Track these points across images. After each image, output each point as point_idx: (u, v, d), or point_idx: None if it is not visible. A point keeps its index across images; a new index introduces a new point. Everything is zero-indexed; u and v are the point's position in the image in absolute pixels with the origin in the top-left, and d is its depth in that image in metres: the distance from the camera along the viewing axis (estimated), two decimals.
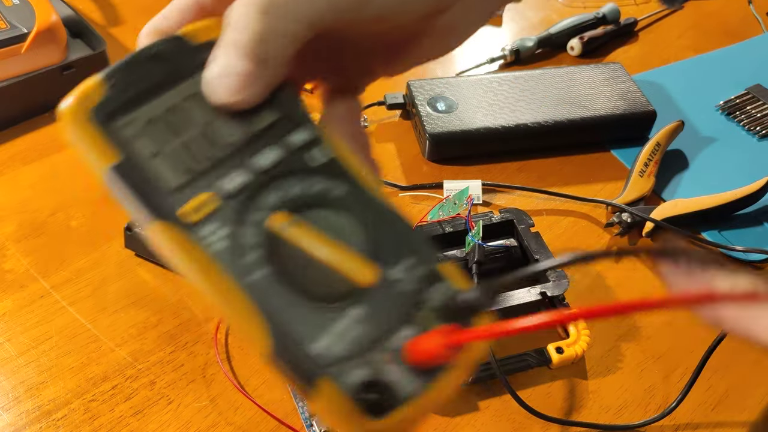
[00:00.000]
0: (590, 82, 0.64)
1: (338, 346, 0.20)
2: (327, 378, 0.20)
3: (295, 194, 0.22)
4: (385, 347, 0.21)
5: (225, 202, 0.21)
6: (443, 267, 0.23)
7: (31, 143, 0.59)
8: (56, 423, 0.40)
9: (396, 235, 0.23)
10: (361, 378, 0.20)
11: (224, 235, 0.21)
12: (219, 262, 0.20)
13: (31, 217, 0.53)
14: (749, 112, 0.66)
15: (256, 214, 0.21)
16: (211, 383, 0.43)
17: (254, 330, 0.20)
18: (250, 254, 0.21)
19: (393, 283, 0.22)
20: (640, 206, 0.55)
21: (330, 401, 0.20)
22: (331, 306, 0.21)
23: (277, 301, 0.20)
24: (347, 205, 0.23)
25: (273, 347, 0.20)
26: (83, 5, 0.74)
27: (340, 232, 0.22)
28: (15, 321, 0.46)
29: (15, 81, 0.58)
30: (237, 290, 0.20)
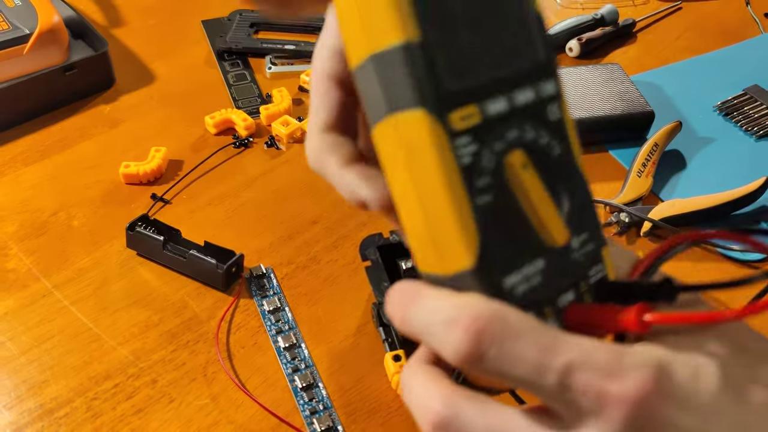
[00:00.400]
0: (589, 83, 0.64)
1: (522, 287, 0.22)
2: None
3: (530, 139, 0.22)
4: (552, 304, 0.22)
5: (484, 121, 0.21)
6: (605, 250, 0.24)
7: (33, 144, 0.59)
8: (58, 421, 0.41)
9: (584, 209, 0.24)
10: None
11: (472, 152, 0.21)
12: (460, 174, 0.20)
13: (33, 216, 0.53)
14: (747, 113, 0.66)
15: (500, 144, 0.22)
16: (213, 382, 0.43)
17: (463, 246, 0.21)
18: (484, 179, 0.21)
19: (572, 251, 0.23)
20: (638, 206, 0.55)
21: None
22: (528, 251, 0.22)
23: (491, 229, 0.21)
24: (561, 167, 0.23)
25: (473, 266, 0.21)
26: (85, 6, 0.74)
27: (553, 188, 0.23)
28: (17, 320, 0.46)
29: (17, 82, 0.58)
30: (466, 206, 0.20)
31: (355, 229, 0.54)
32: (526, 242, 0.22)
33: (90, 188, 0.55)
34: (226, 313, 0.47)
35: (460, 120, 0.21)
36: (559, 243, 0.22)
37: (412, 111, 0.20)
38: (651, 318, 0.20)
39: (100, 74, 0.64)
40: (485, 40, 0.22)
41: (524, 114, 0.22)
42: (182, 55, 0.69)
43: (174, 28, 0.73)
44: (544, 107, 0.23)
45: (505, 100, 0.22)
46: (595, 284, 0.24)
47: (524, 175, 0.22)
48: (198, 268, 0.48)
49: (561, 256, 0.23)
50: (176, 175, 0.57)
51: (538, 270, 0.22)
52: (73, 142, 0.59)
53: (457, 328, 0.20)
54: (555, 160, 0.23)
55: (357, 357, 0.45)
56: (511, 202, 0.22)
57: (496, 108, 0.21)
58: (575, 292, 0.23)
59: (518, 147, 0.22)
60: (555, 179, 0.23)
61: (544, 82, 0.23)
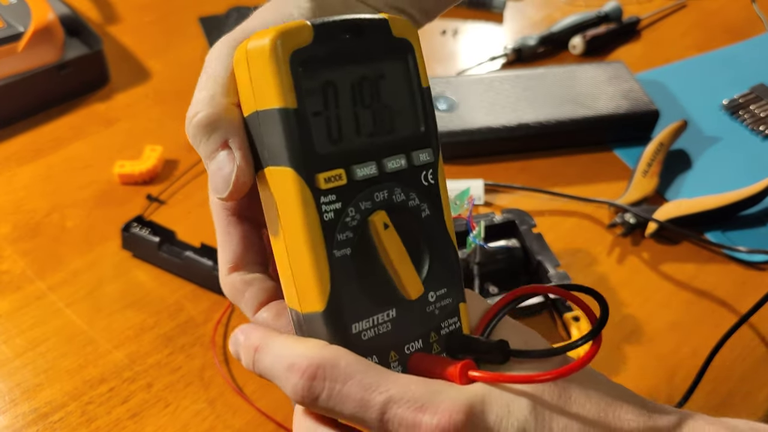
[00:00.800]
0: (593, 81, 0.64)
1: (369, 333, 0.25)
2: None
3: (399, 201, 0.25)
4: (399, 349, 0.25)
5: (351, 183, 0.24)
6: (462, 306, 0.27)
7: (27, 143, 0.58)
8: (53, 426, 0.40)
9: (445, 266, 0.27)
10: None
11: (336, 209, 0.24)
12: (321, 229, 0.23)
13: (27, 217, 0.52)
14: (753, 112, 0.65)
15: (365, 203, 0.24)
16: (209, 386, 0.43)
17: (316, 291, 0.24)
18: (345, 233, 0.24)
19: (427, 305, 0.26)
20: (643, 206, 0.54)
21: None
22: (381, 300, 0.25)
23: (345, 278, 0.24)
24: (426, 228, 0.26)
25: (323, 310, 0.24)
26: (80, 4, 0.73)
27: (413, 247, 0.26)
28: (11, 323, 0.45)
29: (11, 80, 0.57)
30: (322, 255, 0.23)
31: None
32: (380, 293, 0.25)
33: (84, 188, 0.55)
34: (222, 316, 0.46)
35: (325, 181, 0.23)
36: (413, 297, 0.25)
37: (284, 167, 0.23)
38: (473, 375, 0.24)
39: (94, 72, 0.63)
40: (364, 111, 0.25)
41: (396, 179, 0.25)
42: (178, 52, 0.68)
43: (170, 25, 0.72)
44: (418, 174, 0.26)
45: (374, 166, 0.25)
46: (446, 335, 0.27)
47: (384, 234, 0.25)
48: (194, 270, 0.47)
49: (414, 308, 0.26)
50: (172, 175, 0.56)
51: (389, 319, 0.25)
52: (68, 142, 0.58)
53: (295, 373, 0.23)
54: (423, 221, 0.26)
55: None
56: (370, 256, 0.25)
57: (364, 172, 0.24)
58: (424, 341, 0.26)
59: (384, 208, 0.25)
60: (420, 238, 0.26)
61: (420, 151, 0.26)
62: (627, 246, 0.53)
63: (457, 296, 0.27)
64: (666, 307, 0.49)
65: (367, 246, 0.25)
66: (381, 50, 0.25)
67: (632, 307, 0.49)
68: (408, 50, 0.26)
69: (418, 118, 0.26)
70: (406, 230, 0.25)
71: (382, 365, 0.24)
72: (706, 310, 0.49)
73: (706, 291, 0.50)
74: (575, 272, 0.50)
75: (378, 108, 0.25)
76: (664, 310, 0.49)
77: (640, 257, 0.52)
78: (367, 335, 0.24)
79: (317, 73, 0.24)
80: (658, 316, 0.48)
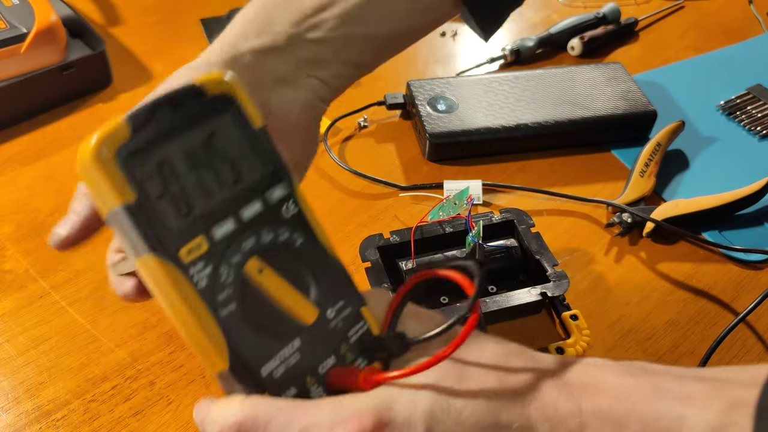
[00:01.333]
0: (591, 82, 0.64)
1: (280, 369, 0.26)
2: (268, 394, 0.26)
3: (268, 242, 0.27)
4: (314, 372, 0.27)
5: (213, 246, 0.25)
6: (364, 309, 0.29)
7: (30, 143, 0.58)
8: (56, 423, 0.40)
9: (333, 280, 0.28)
10: (292, 395, 0.27)
11: (207, 274, 0.25)
12: (200, 296, 0.25)
13: (30, 217, 0.52)
14: (750, 112, 0.66)
15: (235, 257, 0.26)
16: (211, 384, 0.43)
17: (215, 353, 0.25)
18: (225, 292, 0.25)
19: (326, 322, 0.28)
20: (640, 206, 0.55)
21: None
22: (282, 336, 0.26)
23: (239, 331, 0.25)
24: (303, 253, 0.28)
25: (228, 367, 0.25)
26: (83, 5, 0.74)
27: (294, 277, 0.27)
28: (14, 321, 0.46)
29: (14, 81, 0.58)
30: (208, 320, 0.25)
31: (355, 230, 0.53)
32: (278, 329, 0.26)
33: None
34: None
35: (187, 254, 0.25)
36: (310, 321, 0.27)
37: (147, 255, 0.24)
38: (375, 379, 0.26)
39: (97, 73, 0.63)
40: (206, 174, 0.25)
41: (257, 223, 0.26)
42: (180, 53, 0.69)
43: (172, 26, 0.73)
44: (278, 209, 0.27)
45: (232, 221, 0.26)
46: (356, 342, 0.28)
47: (262, 277, 0.26)
48: None
49: (316, 330, 0.27)
50: None
51: (295, 349, 0.27)
52: (70, 142, 0.59)
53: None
54: (299, 249, 0.27)
55: None
56: (257, 300, 0.26)
57: (224, 230, 0.25)
58: (336, 355, 0.28)
59: (255, 254, 0.26)
60: (301, 265, 0.27)
61: (273, 189, 0.27)
62: (624, 245, 0.54)
63: (356, 303, 0.29)
64: (663, 306, 0.49)
65: (251, 293, 0.26)
66: (202, 113, 0.26)
67: (629, 306, 0.49)
68: (228, 103, 0.26)
69: (261, 158, 0.27)
70: (285, 264, 0.27)
71: (302, 394, 0.27)
72: (703, 309, 0.49)
73: (703, 290, 0.51)
74: (573, 271, 0.51)
75: (218, 166, 0.26)
76: (661, 309, 0.49)
77: (638, 256, 0.53)
78: (279, 372, 0.26)
79: (147, 159, 0.24)
80: (656, 315, 0.49)
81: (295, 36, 0.33)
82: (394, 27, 0.36)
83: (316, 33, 0.33)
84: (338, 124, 0.62)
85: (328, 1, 0.33)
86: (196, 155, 0.25)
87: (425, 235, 0.48)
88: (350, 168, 0.58)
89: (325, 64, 0.34)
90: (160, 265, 0.24)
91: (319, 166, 0.58)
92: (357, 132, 0.62)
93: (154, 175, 0.24)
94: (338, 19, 0.33)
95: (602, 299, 0.49)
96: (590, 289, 0.50)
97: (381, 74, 0.69)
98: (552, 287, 0.45)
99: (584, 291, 0.50)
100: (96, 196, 0.24)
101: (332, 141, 0.61)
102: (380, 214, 0.55)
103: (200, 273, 0.25)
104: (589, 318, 0.48)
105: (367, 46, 0.35)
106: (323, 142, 0.60)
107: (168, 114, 0.25)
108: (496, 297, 0.44)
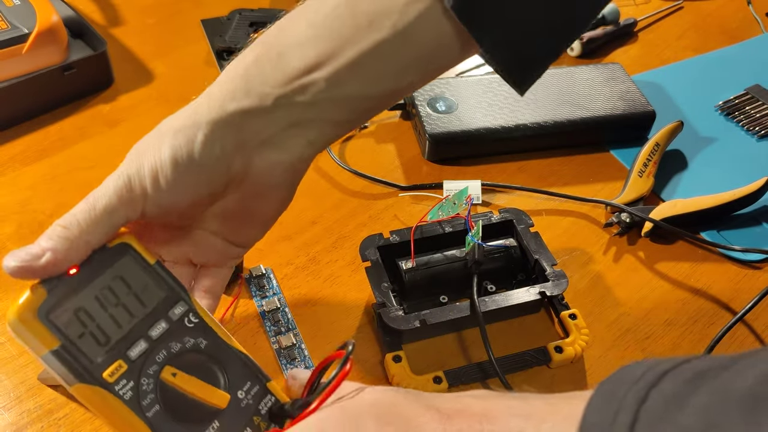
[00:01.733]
0: (590, 83, 0.64)
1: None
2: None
3: (178, 350, 0.33)
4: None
5: (131, 364, 0.32)
6: (270, 385, 0.35)
7: (31, 144, 0.59)
8: (57, 422, 0.41)
9: (239, 368, 0.35)
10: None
11: (130, 387, 0.31)
12: (128, 406, 0.31)
13: (31, 217, 0.53)
14: (748, 113, 0.66)
15: (151, 368, 0.32)
16: None
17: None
18: (148, 398, 0.32)
19: (239, 401, 0.34)
20: (639, 206, 0.55)
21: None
22: (200, 425, 0.33)
23: (166, 426, 0.32)
24: (209, 352, 0.34)
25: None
26: (84, 6, 0.74)
27: (204, 373, 0.34)
28: None
29: (16, 81, 0.58)
30: (138, 422, 0.31)
31: (355, 230, 0.53)
32: (198, 416, 0.33)
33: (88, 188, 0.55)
34: (225, 313, 0.47)
35: (110, 375, 0.31)
36: (224, 405, 0.33)
37: (77, 385, 0.30)
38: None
39: (99, 74, 0.63)
40: (117, 309, 0.32)
41: (165, 338, 0.33)
42: (181, 54, 0.69)
43: (173, 27, 0.73)
44: (181, 322, 0.34)
45: (143, 341, 0.32)
46: (267, 412, 0.35)
47: (176, 380, 0.32)
48: None
49: (230, 410, 0.34)
50: None
51: (215, 429, 0.33)
52: (72, 142, 0.59)
53: None
54: (205, 349, 0.34)
55: (357, 358, 0.45)
56: (177, 398, 0.32)
57: (138, 350, 0.32)
58: (251, 427, 0.34)
59: (169, 362, 0.33)
60: (208, 362, 0.34)
61: (173, 308, 0.34)
62: (623, 245, 0.54)
63: (261, 381, 0.35)
64: (662, 306, 0.49)
65: (170, 393, 0.32)
66: (105, 262, 0.32)
67: (628, 305, 0.49)
68: (125, 249, 0.33)
69: (159, 287, 0.34)
70: (194, 364, 0.33)
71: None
72: (701, 308, 0.50)
73: (702, 290, 0.51)
74: (572, 271, 0.51)
75: (126, 300, 0.32)
76: (659, 309, 0.49)
77: (636, 256, 0.53)
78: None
79: (65, 309, 0.30)
80: (654, 314, 0.49)
81: (282, 97, 0.32)
82: (387, 86, 0.34)
83: (305, 96, 0.32)
84: None
85: (316, 62, 0.32)
86: (106, 296, 0.32)
87: (425, 235, 0.48)
88: (350, 168, 0.58)
89: (312, 125, 0.34)
90: (90, 389, 0.30)
91: (319, 166, 0.59)
92: (357, 132, 0.63)
93: (72, 321, 0.31)
94: (327, 81, 0.32)
95: (601, 298, 0.50)
96: (589, 288, 0.50)
97: None
98: (551, 286, 0.45)
99: (583, 290, 0.50)
100: (28, 347, 0.30)
101: None
102: (380, 213, 0.55)
103: (124, 388, 0.31)
104: (587, 317, 0.48)
105: (357, 105, 0.34)
106: None
107: (77, 270, 0.31)
108: (495, 296, 0.44)
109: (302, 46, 0.33)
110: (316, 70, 0.32)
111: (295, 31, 0.33)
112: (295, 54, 0.32)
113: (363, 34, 0.32)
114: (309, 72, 0.32)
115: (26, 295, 0.30)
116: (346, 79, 0.33)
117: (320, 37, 0.32)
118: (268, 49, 0.33)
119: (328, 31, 0.32)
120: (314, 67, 0.32)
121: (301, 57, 0.32)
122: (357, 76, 0.33)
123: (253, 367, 0.35)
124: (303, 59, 0.32)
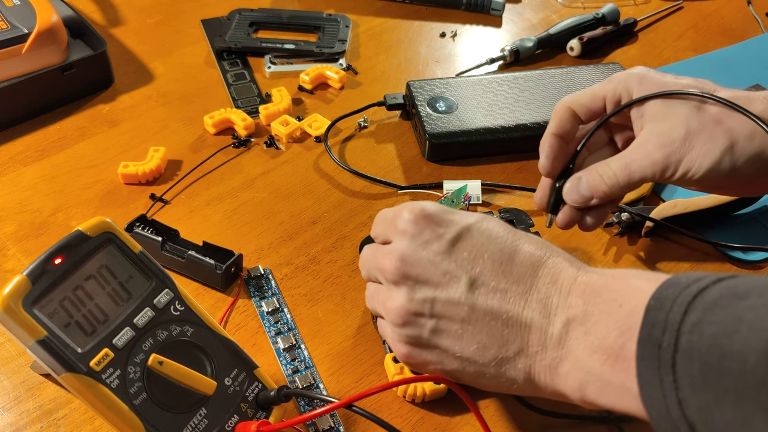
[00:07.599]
0: (590, 83, 0.64)
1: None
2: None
3: (164, 338, 0.34)
4: (222, 430, 0.34)
5: (117, 353, 0.32)
6: (257, 371, 0.37)
7: (32, 143, 0.59)
8: (57, 422, 0.41)
9: (225, 355, 0.36)
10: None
11: (117, 375, 0.32)
12: (115, 394, 0.32)
13: (32, 217, 0.53)
14: None
15: (138, 357, 0.33)
16: None
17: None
18: (135, 386, 0.32)
19: (225, 389, 0.35)
20: (639, 206, 0.55)
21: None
22: (187, 411, 0.34)
23: (153, 414, 0.32)
24: (196, 339, 0.35)
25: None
26: (84, 5, 0.74)
27: (190, 360, 0.34)
28: None
29: (16, 81, 0.58)
30: (126, 410, 0.32)
31: (355, 230, 0.53)
32: (186, 403, 0.34)
33: (89, 188, 0.55)
34: (225, 313, 0.47)
35: (97, 364, 0.32)
36: (211, 392, 0.34)
37: (65, 374, 0.31)
38: (263, 429, 0.34)
39: (98, 74, 0.63)
40: (102, 298, 0.33)
41: (151, 326, 0.34)
42: (181, 54, 0.69)
43: (173, 27, 0.73)
44: (167, 310, 0.35)
45: (129, 329, 0.33)
46: (254, 399, 0.36)
47: (163, 368, 0.33)
48: (196, 268, 0.48)
49: (217, 397, 0.34)
50: (175, 175, 0.57)
51: (203, 416, 0.34)
52: (72, 142, 0.59)
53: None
54: (191, 336, 0.35)
55: (357, 358, 0.45)
56: (164, 386, 0.33)
57: (124, 339, 0.33)
58: (239, 413, 0.35)
59: (155, 349, 0.33)
60: (194, 350, 0.35)
61: (159, 296, 0.35)
62: (623, 245, 0.54)
63: (248, 368, 0.36)
64: None
65: (157, 381, 0.33)
66: (89, 251, 0.33)
67: None
68: (109, 239, 0.34)
69: (144, 275, 0.35)
70: (181, 352, 0.34)
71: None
72: None
73: None
74: None
75: (112, 288, 0.33)
76: None
77: (637, 256, 0.53)
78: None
79: (51, 299, 0.31)
80: None
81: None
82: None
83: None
84: (338, 125, 0.62)
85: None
86: (91, 285, 0.33)
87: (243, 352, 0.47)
88: (350, 168, 0.58)
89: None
90: (77, 378, 0.31)
91: (319, 166, 0.59)
92: (357, 132, 0.63)
93: (58, 311, 0.31)
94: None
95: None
96: None
97: (381, 75, 0.69)
98: None
99: None
100: (15, 337, 0.31)
101: (332, 141, 0.61)
102: None
103: (111, 376, 0.32)
104: None
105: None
106: (323, 143, 0.60)
107: (62, 259, 0.32)
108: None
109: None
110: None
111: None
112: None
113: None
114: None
115: (11, 285, 0.31)
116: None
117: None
118: None
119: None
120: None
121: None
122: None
123: (241, 354, 0.36)
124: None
